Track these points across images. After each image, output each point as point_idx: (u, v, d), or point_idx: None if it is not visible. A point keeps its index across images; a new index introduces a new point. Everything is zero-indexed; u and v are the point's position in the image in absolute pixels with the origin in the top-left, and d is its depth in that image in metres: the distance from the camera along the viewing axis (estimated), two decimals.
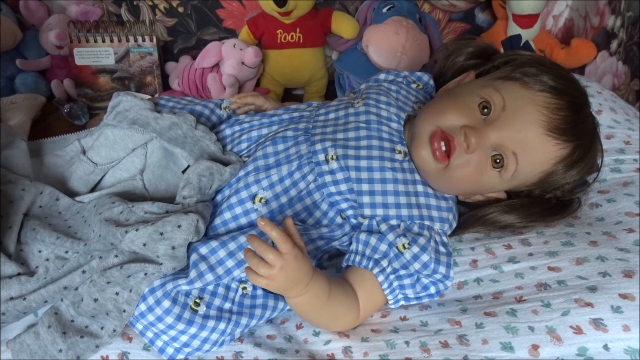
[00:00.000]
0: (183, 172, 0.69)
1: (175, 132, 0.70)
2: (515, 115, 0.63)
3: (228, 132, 0.74)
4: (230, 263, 0.60)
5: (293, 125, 0.72)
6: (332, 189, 0.66)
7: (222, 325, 0.59)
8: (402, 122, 0.71)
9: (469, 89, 0.68)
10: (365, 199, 0.65)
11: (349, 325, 0.63)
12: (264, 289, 0.63)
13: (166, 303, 0.58)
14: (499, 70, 0.70)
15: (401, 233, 0.64)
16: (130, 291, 0.59)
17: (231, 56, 1.10)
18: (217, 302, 0.60)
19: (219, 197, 0.68)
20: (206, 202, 0.66)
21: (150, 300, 0.58)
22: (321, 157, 0.67)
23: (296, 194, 0.67)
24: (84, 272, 0.60)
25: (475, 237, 0.72)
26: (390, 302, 0.64)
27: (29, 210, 0.66)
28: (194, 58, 1.17)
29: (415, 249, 0.63)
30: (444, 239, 0.67)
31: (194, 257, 0.60)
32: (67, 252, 0.62)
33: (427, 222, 0.66)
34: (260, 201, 0.66)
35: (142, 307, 0.59)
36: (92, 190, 0.72)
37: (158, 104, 0.77)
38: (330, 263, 0.74)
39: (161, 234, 0.59)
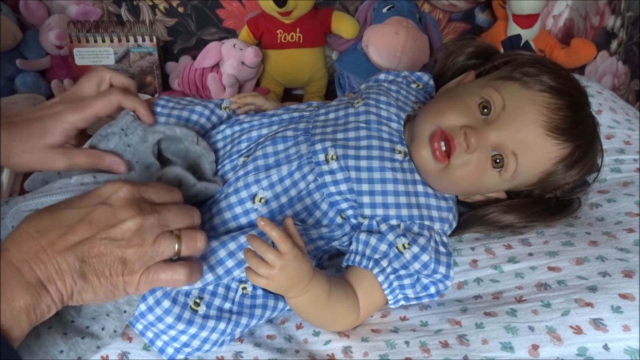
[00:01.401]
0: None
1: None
2: (515, 115, 0.63)
3: (228, 132, 0.74)
4: (230, 263, 0.60)
5: (293, 125, 0.72)
6: (332, 189, 0.66)
7: (222, 325, 0.59)
8: (402, 122, 0.71)
9: (469, 89, 0.68)
10: (365, 199, 0.65)
11: (349, 325, 0.63)
12: (264, 289, 0.63)
13: (166, 303, 0.58)
14: (499, 70, 0.70)
15: (401, 233, 0.64)
16: None
17: (231, 56, 1.10)
18: (217, 302, 0.60)
19: (217, 195, 0.68)
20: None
21: (150, 300, 0.58)
22: (321, 157, 0.67)
23: (296, 194, 0.67)
24: None
25: (475, 237, 0.72)
26: (390, 302, 0.64)
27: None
28: (194, 58, 1.17)
29: (415, 249, 0.63)
30: (444, 239, 0.67)
31: None
32: None
33: (427, 222, 0.66)
34: (260, 201, 0.66)
35: (142, 307, 0.58)
36: None
37: (158, 104, 0.77)
38: (330, 263, 0.74)
39: None
